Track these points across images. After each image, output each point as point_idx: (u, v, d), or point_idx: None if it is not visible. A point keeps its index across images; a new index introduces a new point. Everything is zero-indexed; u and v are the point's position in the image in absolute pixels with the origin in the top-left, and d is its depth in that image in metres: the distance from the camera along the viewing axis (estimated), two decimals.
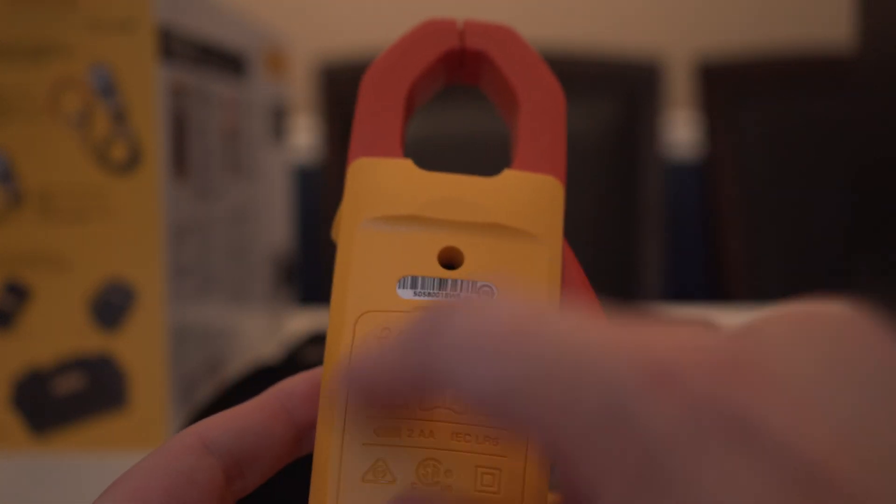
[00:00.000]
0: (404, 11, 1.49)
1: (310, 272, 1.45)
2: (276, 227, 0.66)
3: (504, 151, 1.21)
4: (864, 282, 0.55)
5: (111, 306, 0.44)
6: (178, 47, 0.46)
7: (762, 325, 0.16)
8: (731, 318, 0.72)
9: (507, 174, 0.23)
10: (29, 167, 0.44)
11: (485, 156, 1.21)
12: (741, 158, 1.26)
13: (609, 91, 1.24)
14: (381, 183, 0.23)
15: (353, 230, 0.22)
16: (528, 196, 0.23)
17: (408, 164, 0.23)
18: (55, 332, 0.44)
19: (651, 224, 1.22)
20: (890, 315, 0.49)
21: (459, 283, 0.21)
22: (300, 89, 1.42)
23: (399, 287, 0.21)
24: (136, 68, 0.43)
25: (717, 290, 1.26)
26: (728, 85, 1.27)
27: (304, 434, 0.22)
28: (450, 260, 0.22)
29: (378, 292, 0.21)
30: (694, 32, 1.49)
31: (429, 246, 0.22)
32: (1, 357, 0.44)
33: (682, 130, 1.40)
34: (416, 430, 0.20)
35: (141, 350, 0.44)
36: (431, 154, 1.22)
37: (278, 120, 0.66)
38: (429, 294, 0.21)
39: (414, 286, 0.21)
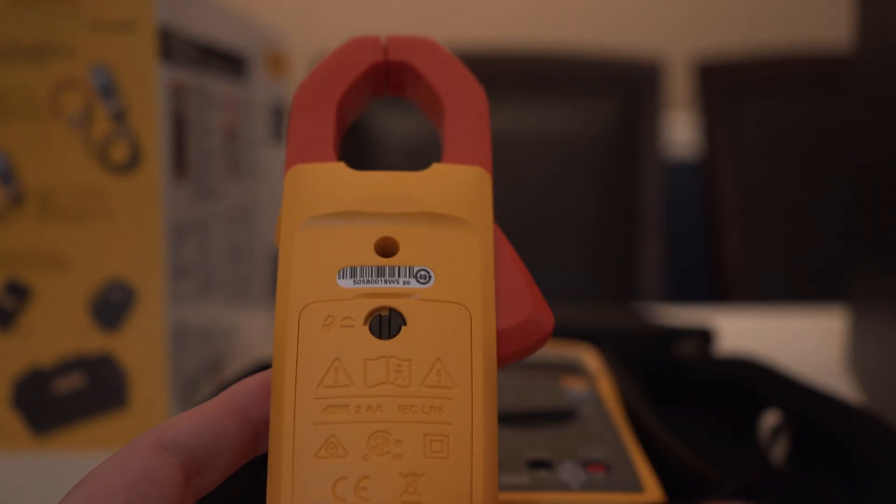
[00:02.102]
0: (404, 11, 1.49)
1: None
2: (275, 227, 0.66)
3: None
4: (864, 282, 0.55)
5: (111, 306, 0.44)
6: (178, 47, 0.46)
7: None
8: (731, 318, 0.72)
9: (436, 167, 0.24)
10: (29, 167, 0.44)
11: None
12: (740, 158, 1.26)
13: (609, 91, 1.24)
14: (316, 185, 0.24)
15: (292, 231, 0.23)
16: (456, 185, 0.24)
17: (340, 166, 0.24)
18: (55, 331, 0.44)
19: (651, 224, 1.22)
20: (890, 316, 0.49)
21: (397, 269, 0.23)
22: None
23: (339, 278, 0.22)
24: (137, 68, 0.43)
25: (716, 290, 1.26)
26: (727, 85, 1.27)
27: (260, 432, 0.23)
28: (386, 249, 0.23)
29: (319, 284, 0.22)
30: (693, 33, 1.49)
31: (365, 237, 0.23)
32: (1, 357, 0.44)
33: (681, 130, 1.40)
34: (363, 406, 0.21)
35: (141, 350, 0.44)
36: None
37: (278, 120, 0.66)
38: (368, 282, 0.22)
39: (353, 276, 0.22)
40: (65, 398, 0.44)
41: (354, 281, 0.22)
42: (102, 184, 0.44)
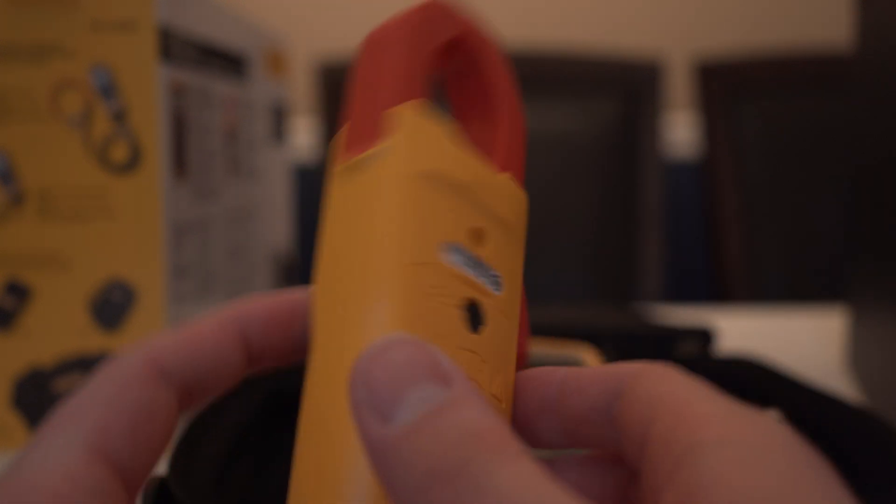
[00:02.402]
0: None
1: (310, 272, 1.45)
2: (276, 226, 0.66)
3: None
4: (864, 282, 0.55)
5: (111, 306, 0.44)
6: (178, 47, 0.46)
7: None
8: (731, 318, 0.72)
9: (503, 177, 0.23)
10: (29, 167, 0.44)
11: None
12: (740, 158, 1.26)
13: (609, 91, 1.24)
14: (440, 139, 0.21)
15: (407, 176, 0.20)
16: (518, 204, 0.23)
17: (455, 131, 0.22)
18: (55, 331, 0.44)
19: (651, 224, 1.22)
20: (890, 316, 0.49)
21: (487, 267, 0.21)
22: (300, 89, 1.42)
23: (442, 251, 0.20)
24: (137, 68, 0.43)
25: (716, 290, 1.26)
26: (727, 85, 1.27)
27: (254, 359, 0.21)
28: (476, 240, 0.21)
29: (426, 248, 0.20)
30: (693, 33, 1.49)
31: (467, 218, 0.21)
32: (1, 357, 0.44)
33: (681, 130, 1.40)
34: None
35: None
36: None
37: (278, 120, 0.66)
38: (467, 266, 0.21)
39: (457, 254, 0.21)
40: (65, 398, 0.44)
41: (456, 261, 0.20)
42: (102, 184, 0.44)
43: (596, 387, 0.19)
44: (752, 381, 0.43)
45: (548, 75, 1.25)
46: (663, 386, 0.17)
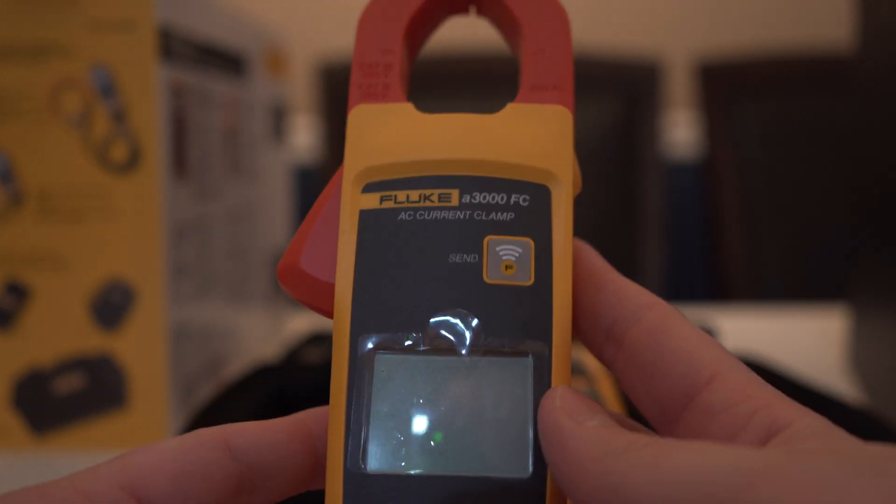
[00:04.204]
0: None
1: None
2: (276, 227, 0.66)
3: None
4: (865, 282, 0.55)
5: (111, 306, 0.44)
6: (178, 47, 0.46)
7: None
8: (731, 318, 0.72)
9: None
10: (29, 167, 0.44)
11: None
12: (740, 158, 1.26)
13: (609, 91, 1.24)
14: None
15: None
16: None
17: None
18: (55, 332, 0.44)
19: (651, 224, 1.22)
20: (890, 316, 0.49)
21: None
22: (300, 89, 1.42)
23: None
24: (136, 68, 0.43)
25: (717, 290, 1.25)
26: (727, 85, 1.27)
27: (323, 465, 0.20)
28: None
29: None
30: (693, 33, 1.49)
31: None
32: (1, 357, 0.44)
33: (681, 130, 1.40)
34: None
35: (141, 350, 0.44)
36: None
37: (278, 120, 0.66)
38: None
39: None
40: (64, 398, 0.44)
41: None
42: (102, 184, 0.44)
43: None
44: None
45: None
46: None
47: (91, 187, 0.44)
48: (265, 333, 0.63)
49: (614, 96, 1.24)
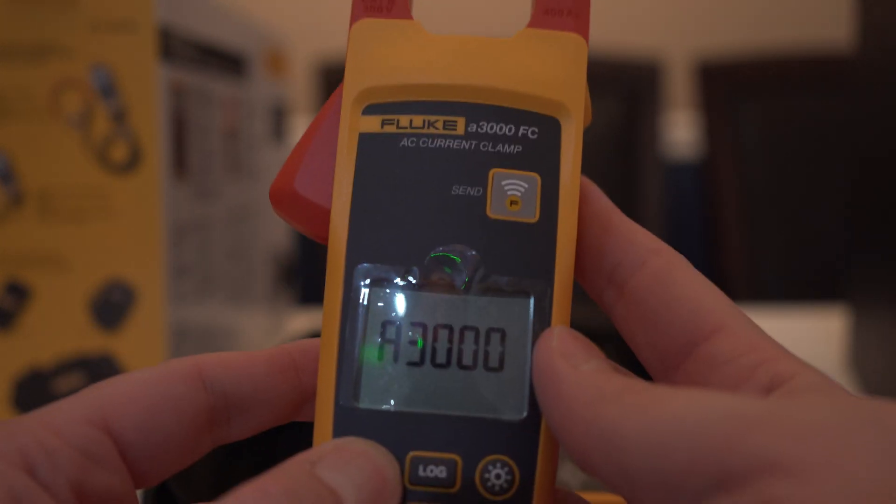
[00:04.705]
0: None
1: (310, 272, 1.45)
2: (276, 227, 0.66)
3: None
4: (865, 281, 0.55)
5: (111, 306, 0.44)
6: (178, 47, 0.46)
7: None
8: None
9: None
10: (29, 167, 0.44)
11: None
12: (741, 158, 1.26)
13: (609, 91, 1.24)
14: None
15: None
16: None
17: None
18: (55, 332, 0.44)
19: (651, 224, 1.22)
20: (890, 315, 0.49)
21: None
22: (300, 89, 1.42)
23: None
24: (136, 68, 0.43)
25: None
26: (727, 85, 1.27)
27: (307, 399, 0.20)
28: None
29: None
30: (693, 33, 1.49)
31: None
32: (1, 357, 0.44)
33: (681, 130, 1.40)
34: None
35: (141, 350, 0.44)
36: None
37: (278, 120, 0.66)
38: None
39: None
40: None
41: None
42: (102, 184, 0.44)
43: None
44: None
45: None
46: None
47: (91, 187, 0.44)
48: (265, 333, 0.63)
49: (614, 96, 1.24)
